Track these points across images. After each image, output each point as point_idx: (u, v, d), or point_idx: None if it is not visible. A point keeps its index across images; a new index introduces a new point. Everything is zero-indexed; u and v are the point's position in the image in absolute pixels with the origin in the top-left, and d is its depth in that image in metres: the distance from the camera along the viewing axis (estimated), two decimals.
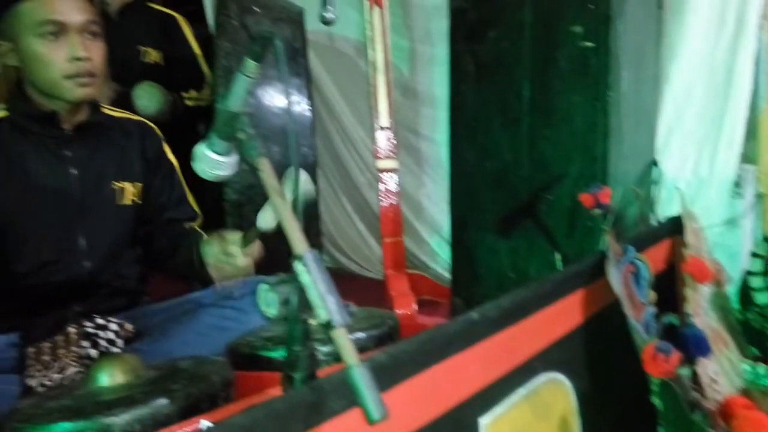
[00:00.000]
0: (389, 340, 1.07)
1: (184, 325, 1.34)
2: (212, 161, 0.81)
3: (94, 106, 1.37)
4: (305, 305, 0.67)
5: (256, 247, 1.25)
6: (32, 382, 1.11)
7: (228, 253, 1.25)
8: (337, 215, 3.10)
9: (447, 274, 2.36)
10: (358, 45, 2.77)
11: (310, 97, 1.88)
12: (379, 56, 2.21)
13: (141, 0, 2.36)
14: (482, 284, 1.67)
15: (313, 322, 0.71)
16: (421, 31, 2.66)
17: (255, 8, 1.75)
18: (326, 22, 2.15)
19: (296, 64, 2.07)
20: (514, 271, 1.62)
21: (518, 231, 1.61)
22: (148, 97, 2.16)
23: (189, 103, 2.32)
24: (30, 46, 1.24)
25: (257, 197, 1.66)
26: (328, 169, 3.06)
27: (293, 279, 0.67)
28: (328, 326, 0.63)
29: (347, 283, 1.56)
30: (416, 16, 2.66)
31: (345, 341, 0.61)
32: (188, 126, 2.30)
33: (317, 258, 0.67)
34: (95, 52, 1.29)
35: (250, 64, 0.71)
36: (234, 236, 1.26)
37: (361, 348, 0.77)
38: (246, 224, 1.70)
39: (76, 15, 1.25)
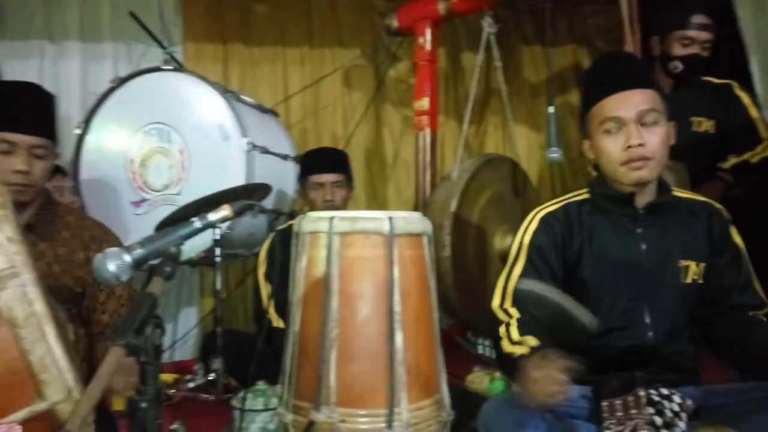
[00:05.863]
0: None
1: (753, 414, 1.26)
2: None
3: (663, 187, 1.48)
4: None
5: None
6: None
7: None
8: None
9: None
10: None
11: None
12: None
13: (692, 75, 2.45)
14: None
15: None
16: None
17: None
18: None
19: None
20: None
21: None
22: None
23: (753, 160, 2.32)
24: (598, 142, 1.45)
25: None
26: None
27: None
28: None
29: None
30: None
31: None
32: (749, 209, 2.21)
33: None
34: (653, 137, 1.38)
35: None
36: None
37: None
38: None
39: (631, 109, 1.38)
